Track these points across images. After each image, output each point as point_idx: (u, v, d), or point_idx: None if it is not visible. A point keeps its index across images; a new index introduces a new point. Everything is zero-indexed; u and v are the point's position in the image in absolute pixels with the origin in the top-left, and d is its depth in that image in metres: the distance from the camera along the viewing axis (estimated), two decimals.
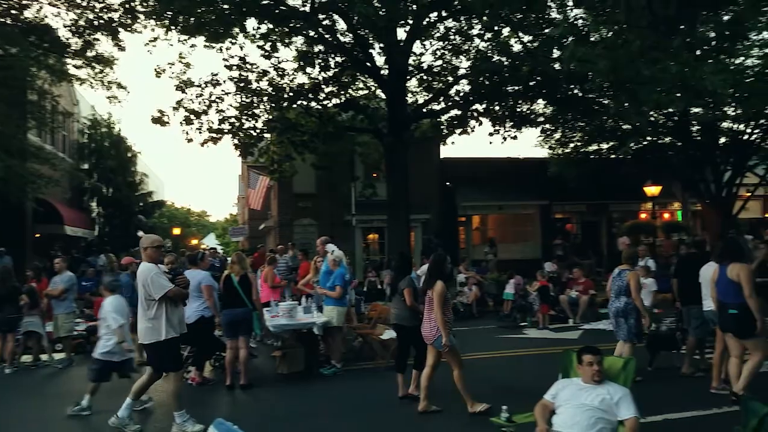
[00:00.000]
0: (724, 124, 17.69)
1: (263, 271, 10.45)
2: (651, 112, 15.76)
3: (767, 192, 23.41)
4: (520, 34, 13.08)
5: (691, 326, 7.42)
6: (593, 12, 11.05)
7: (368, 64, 15.16)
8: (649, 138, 18.33)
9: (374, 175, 19.65)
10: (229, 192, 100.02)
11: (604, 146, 19.58)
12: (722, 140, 18.40)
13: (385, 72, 15.42)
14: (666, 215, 22.68)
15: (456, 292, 14.19)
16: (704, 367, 7.35)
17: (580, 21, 12.46)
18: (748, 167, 18.74)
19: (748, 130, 17.70)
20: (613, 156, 19.70)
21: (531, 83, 13.99)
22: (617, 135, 17.66)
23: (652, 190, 18.98)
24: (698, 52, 13.70)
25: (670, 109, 15.34)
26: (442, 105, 16.18)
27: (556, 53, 12.24)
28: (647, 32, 7.30)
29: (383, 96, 16.20)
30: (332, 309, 7.95)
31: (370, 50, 15.04)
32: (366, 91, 17.47)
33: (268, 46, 14.78)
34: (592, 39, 12.29)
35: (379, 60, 15.44)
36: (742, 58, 15.78)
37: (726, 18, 13.53)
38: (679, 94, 12.77)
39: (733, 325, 5.83)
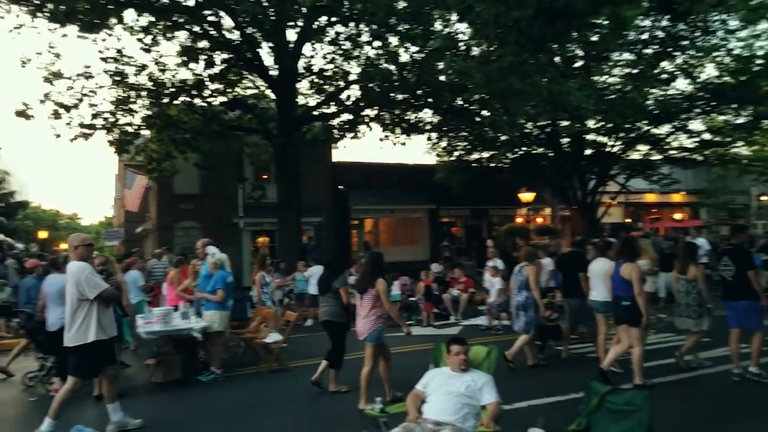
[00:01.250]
0: (589, 137, 19.51)
1: (170, 274, 10.00)
2: (526, 124, 16.98)
3: (628, 199, 26.04)
4: (407, 44, 13.52)
5: (566, 315, 8.24)
6: (473, 27, 11.70)
7: (257, 63, 14.83)
8: (524, 148, 19.76)
9: (264, 176, 19.23)
10: (106, 193, 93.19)
11: (485, 155, 20.80)
12: (588, 151, 20.23)
13: (274, 72, 15.16)
14: (539, 219, 24.44)
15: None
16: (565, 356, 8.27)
17: (462, 35, 13.17)
18: (611, 176, 20.79)
19: (611, 143, 19.66)
20: (492, 165, 20.99)
21: (418, 92, 14.46)
22: (495, 145, 18.80)
23: (526, 196, 20.45)
24: (567, 69, 15.01)
25: (541, 122, 16.60)
26: (334, 109, 16.23)
27: (441, 65, 12.80)
28: (517, 48, 7.86)
29: (273, 96, 15.93)
30: (214, 313, 7.70)
31: (259, 49, 14.73)
32: (255, 91, 17.05)
33: (148, 40, 13.99)
34: (474, 53, 13.05)
35: (269, 60, 15.20)
36: (606, 76, 17.59)
37: (593, 39, 14.96)
38: (549, 108, 13.90)
39: (626, 316, 6.56)
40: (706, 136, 19.36)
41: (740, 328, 6.84)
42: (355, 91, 15.71)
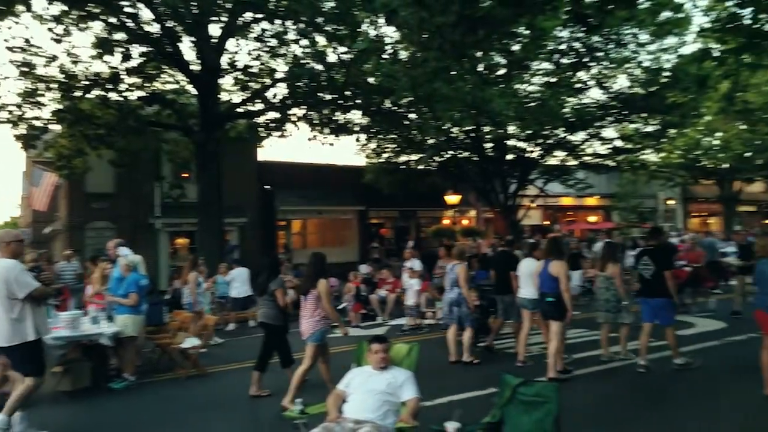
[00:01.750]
0: (511, 142, 20.24)
1: (90, 277, 9.54)
2: (452, 129, 17.39)
3: (546, 202, 27.19)
4: (335, 44, 13.48)
5: (499, 310, 8.61)
6: (400, 30, 11.81)
7: (177, 57, 14.27)
8: (451, 152, 20.22)
9: (184, 175, 18.48)
10: (13, 192, 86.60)
11: (413, 157, 21.09)
12: (509, 156, 20.97)
13: (196, 67, 14.65)
14: (465, 221, 25.06)
15: None
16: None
17: (389, 39, 13.29)
18: (530, 180, 21.67)
19: (530, 148, 20.49)
20: (420, 167, 21.32)
21: (347, 93, 14.43)
22: (423, 148, 19.12)
23: (452, 198, 20.91)
24: (490, 76, 15.48)
25: (466, 127, 17.03)
26: (260, 106, 15.91)
27: (368, 66, 12.85)
28: (440, 54, 7.99)
29: (194, 92, 15.38)
30: (126, 318, 7.32)
31: (179, 43, 14.19)
32: (175, 86, 16.38)
33: (60, 30, 13.12)
34: (402, 56, 13.18)
35: (190, 54, 14.68)
36: (526, 84, 18.29)
37: (514, 48, 15.49)
38: (474, 112, 14.29)
39: (550, 311, 6.99)
40: (618, 143, 20.59)
41: (652, 323, 7.32)
42: (282, 90, 15.48)
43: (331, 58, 13.62)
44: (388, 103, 14.53)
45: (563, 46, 16.70)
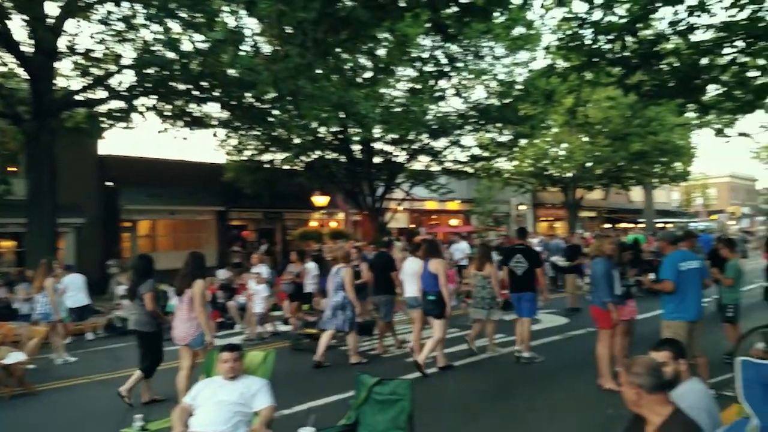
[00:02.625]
0: (378, 145, 20.39)
1: None
2: (319, 128, 17.06)
3: (412, 206, 27.91)
4: (191, 32, 12.56)
5: (381, 313, 8.77)
6: (261, 23, 11.28)
7: (5, 36, 12.45)
8: (318, 152, 19.86)
9: (11, 169, 16.19)
10: None
11: (279, 156, 20.39)
12: (377, 159, 21.14)
13: (29, 49, 12.89)
14: (333, 223, 24.87)
15: (113, 305, 12.89)
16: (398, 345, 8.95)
17: (250, 30, 12.64)
18: (397, 184, 22.02)
19: (396, 152, 20.78)
20: (286, 167, 20.68)
21: (203, 84, 13.51)
22: (289, 146, 18.56)
23: (320, 200, 20.60)
24: (356, 78, 15.39)
25: (334, 128, 16.82)
26: (102, 94, 14.38)
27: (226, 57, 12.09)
28: (302, 51, 7.66)
29: (26, 76, 13.52)
30: None
31: (8, 21, 12.39)
32: (2, 68, 14.33)
33: None
34: (265, 50, 12.60)
35: (22, 34, 12.85)
36: (391, 89, 18.52)
37: (379, 52, 15.57)
38: (341, 113, 14.10)
39: (431, 308, 7.39)
40: (476, 151, 21.65)
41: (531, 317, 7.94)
42: (129, 77, 14.12)
43: (187, 46, 12.65)
44: (250, 97, 13.85)
45: (426, 55, 17.13)
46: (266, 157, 20.19)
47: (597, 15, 7.38)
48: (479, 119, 19.02)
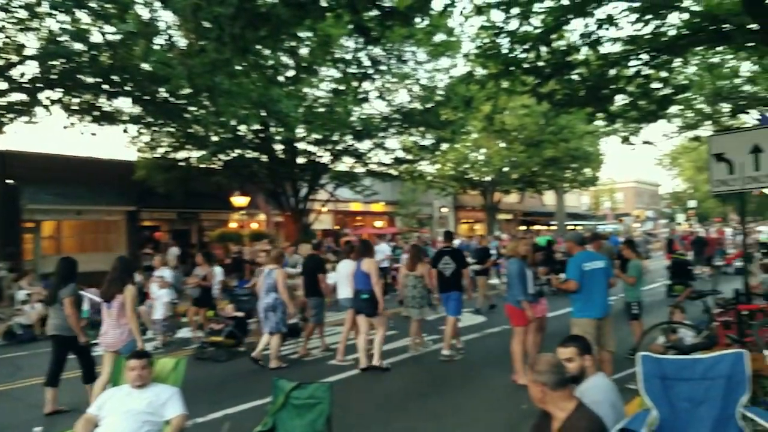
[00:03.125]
0: (301, 145, 20.09)
1: None
2: (238, 126, 16.57)
3: (336, 207, 27.76)
4: (101, 23, 11.84)
5: (312, 315, 8.83)
6: (177, 16, 10.80)
7: None
8: (238, 151, 19.26)
9: None
10: None
11: (195, 154, 19.58)
12: (300, 159, 20.82)
13: None
14: (254, 225, 24.27)
15: (14, 311, 12.12)
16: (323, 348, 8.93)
17: (165, 23, 12.10)
18: (321, 185, 21.81)
19: (320, 153, 20.54)
20: (203, 165, 19.91)
21: (113, 77, 12.76)
22: (206, 144, 17.89)
23: (240, 200, 20.01)
24: (278, 77, 15.09)
25: (253, 125, 16.39)
26: (3, 86, 13.25)
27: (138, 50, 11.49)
28: (219, 46, 7.38)
29: None
30: None
31: None
32: None
33: None
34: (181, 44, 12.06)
35: None
36: (314, 89, 18.33)
37: (301, 51, 15.36)
38: (262, 112, 13.75)
39: (364, 307, 7.56)
40: (400, 153, 21.87)
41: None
42: (32, 68, 13.10)
43: (97, 38, 11.91)
44: (164, 92, 13.22)
45: (350, 56, 17.10)
46: (181, 154, 19.29)
47: (513, 24, 7.64)
48: (402, 122, 19.22)
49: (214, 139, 16.76)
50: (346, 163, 22.08)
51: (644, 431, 2.99)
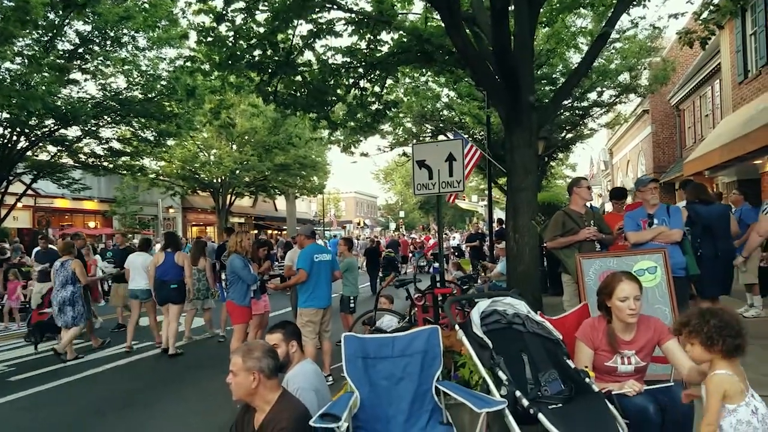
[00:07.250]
0: None
1: None
2: None
3: (37, 203, 23.57)
4: None
5: None
6: None
7: None
8: None
9: None
10: None
11: None
12: None
13: None
14: None
15: None
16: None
17: None
18: (16, 174, 18.10)
19: (14, 137, 16.95)
20: None
21: None
22: None
23: None
24: None
25: None
26: None
27: None
28: None
29: None
30: None
31: None
32: None
33: None
34: None
35: None
36: (7, 61, 15.02)
37: None
38: None
39: (173, 296, 8.17)
40: (116, 144, 19.56)
41: None
42: None
43: None
44: None
45: (52, 27, 14.55)
46: None
47: (238, 20, 7.42)
48: (120, 111, 17.14)
49: None
50: (48, 152, 18.83)
51: (345, 414, 2.97)
